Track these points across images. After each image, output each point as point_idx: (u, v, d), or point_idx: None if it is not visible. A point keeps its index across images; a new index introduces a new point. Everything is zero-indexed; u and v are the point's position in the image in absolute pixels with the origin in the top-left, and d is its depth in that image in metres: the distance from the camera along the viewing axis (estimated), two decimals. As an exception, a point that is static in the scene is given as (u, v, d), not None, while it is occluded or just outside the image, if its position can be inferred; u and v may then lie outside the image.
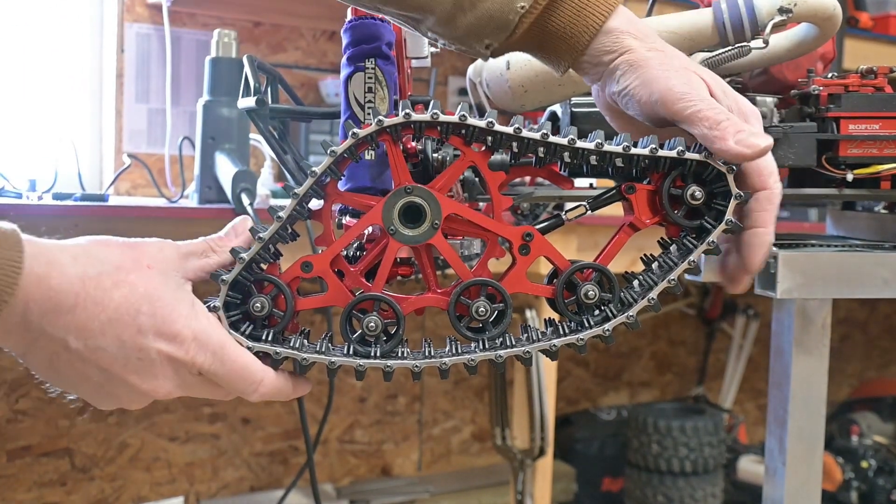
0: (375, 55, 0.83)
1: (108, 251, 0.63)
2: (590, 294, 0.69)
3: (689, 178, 0.69)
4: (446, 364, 0.68)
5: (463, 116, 0.67)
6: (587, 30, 0.69)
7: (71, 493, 2.39)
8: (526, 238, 0.70)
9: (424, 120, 0.67)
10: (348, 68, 0.83)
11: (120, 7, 2.37)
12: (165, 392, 0.64)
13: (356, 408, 2.85)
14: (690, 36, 0.96)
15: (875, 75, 0.98)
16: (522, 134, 0.68)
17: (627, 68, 0.68)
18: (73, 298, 0.59)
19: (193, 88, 2.44)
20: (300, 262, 0.69)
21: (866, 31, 3.26)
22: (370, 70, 0.82)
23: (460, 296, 0.69)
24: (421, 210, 0.68)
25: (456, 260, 0.70)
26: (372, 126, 0.67)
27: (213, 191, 1.86)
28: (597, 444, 3.05)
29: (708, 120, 0.66)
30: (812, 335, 1.05)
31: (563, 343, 0.69)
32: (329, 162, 0.67)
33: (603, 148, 0.68)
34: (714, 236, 0.68)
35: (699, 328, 3.57)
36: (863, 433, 3.09)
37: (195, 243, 0.68)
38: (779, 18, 0.93)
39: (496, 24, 0.69)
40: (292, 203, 0.67)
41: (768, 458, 1.09)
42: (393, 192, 0.68)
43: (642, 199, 0.70)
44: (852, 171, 0.97)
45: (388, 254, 0.69)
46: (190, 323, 0.63)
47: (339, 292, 0.69)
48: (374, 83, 0.82)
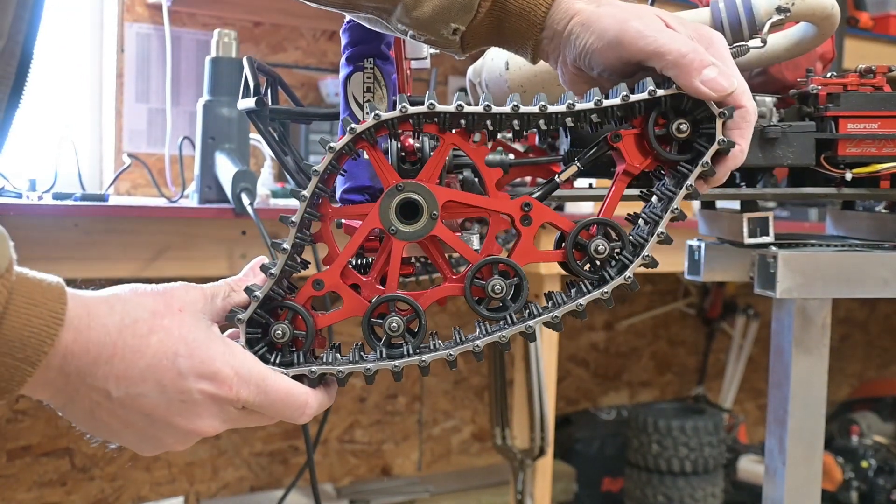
0: (374, 55, 0.83)
1: (141, 298, 0.63)
2: (599, 248, 0.69)
3: (670, 113, 0.69)
4: (479, 346, 0.68)
5: (431, 105, 0.67)
6: (542, 1, 0.70)
7: (71, 492, 2.39)
8: (525, 208, 0.70)
9: (395, 116, 0.67)
10: (347, 68, 0.83)
11: (120, 7, 2.37)
12: (211, 430, 0.65)
13: (356, 408, 2.85)
14: None
15: (874, 74, 0.98)
16: (493, 110, 0.68)
17: (580, 29, 0.70)
18: (111, 348, 0.59)
19: (193, 88, 2.44)
20: (311, 281, 0.69)
21: (866, 31, 3.26)
22: (369, 70, 0.82)
23: (474, 279, 0.69)
24: (417, 204, 0.68)
25: (461, 245, 0.70)
26: (345, 137, 0.67)
27: (213, 191, 1.86)
28: (597, 444, 3.05)
29: (671, 52, 0.66)
30: (812, 335, 1.05)
31: (588, 301, 0.68)
32: (315, 183, 0.67)
33: (575, 108, 0.68)
34: (708, 156, 0.68)
35: (699, 328, 3.57)
36: (863, 433, 3.09)
37: (217, 285, 0.68)
38: (777, 18, 0.93)
39: (460, 4, 0.70)
40: (292, 233, 0.67)
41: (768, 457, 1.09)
42: (386, 193, 0.68)
43: (630, 144, 0.70)
44: (851, 171, 0.97)
45: (394, 254, 0.69)
46: (228, 360, 0.63)
47: (355, 302, 0.69)
48: (372, 83, 0.82)
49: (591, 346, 3.32)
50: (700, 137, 0.69)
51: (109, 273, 1.71)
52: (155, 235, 1.75)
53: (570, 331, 3.24)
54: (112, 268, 1.72)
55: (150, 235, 1.75)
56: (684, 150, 0.70)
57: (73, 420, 0.64)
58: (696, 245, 1.10)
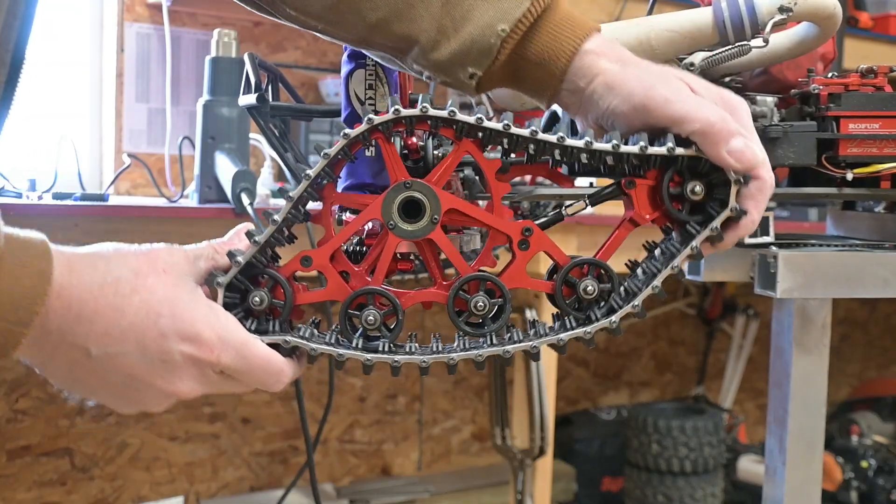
0: None
1: (125, 257, 0.63)
2: (588, 289, 0.69)
3: (686, 172, 0.69)
4: (454, 360, 0.68)
5: (452, 112, 0.67)
6: (563, 54, 0.69)
7: (71, 492, 2.39)
8: (525, 233, 0.70)
9: (414, 115, 0.67)
10: (349, 65, 0.83)
11: (120, 7, 2.37)
12: (189, 392, 0.64)
13: (356, 407, 2.85)
14: (690, 35, 0.96)
15: (875, 74, 0.98)
16: (512, 131, 0.68)
17: (605, 90, 0.68)
18: (92, 306, 0.59)
19: (193, 88, 2.44)
20: (300, 256, 0.69)
21: (866, 31, 3.26)
22: (371, 67, 0.82)
23: (459, 290, 0.69)
24: (420, 205, 0.68)
25: (455, 255, 0.70)
26: (363, 126, 0.67)
27: (213, 190, 1.86)
28: (597, 444, 3.05)
29: (698, 121, 0.66)
30: (812, 335, 1.05)
31: (570, 337, 0.69)
32: (323, 164, 0.67)
33: (592, 146, 0.68)
34: (718, 222, 0.68)
35: (699, 328, 3.57)
36: (863, 433, 3.09)
37: (201, 247, 0.68)
38: (779, 17, 0.93)
39: (478, 49, 0.69)
40: (287, 206, 0.68)
41: (768, 457, 1.09)
42: (392, 188, 0.68)
43: (642, 194, 0.70)
44: (852, 171, 0.97)
45: (386, 248, 0.69)
46: (211, 323, 0.63)
47: (339, 286, 0.69)
48: (374, 80, 0.82)
49: (591, 346, 3.32)
50: (713, 201, 0.69)
51: (109, 273, 1.71)
52: (155, 235, 1.75)
53: (570, 331, 3.23)
54: (112, 267, 1.71)
55: (150, 235, 1.75)
56: (695, 210, 0.70)
57: (50, 377, 0.63)
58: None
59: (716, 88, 0.70)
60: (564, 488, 2.97)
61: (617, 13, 3.09)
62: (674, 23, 0.96)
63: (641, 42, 0.95)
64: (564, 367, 3.23)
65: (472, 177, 0.89)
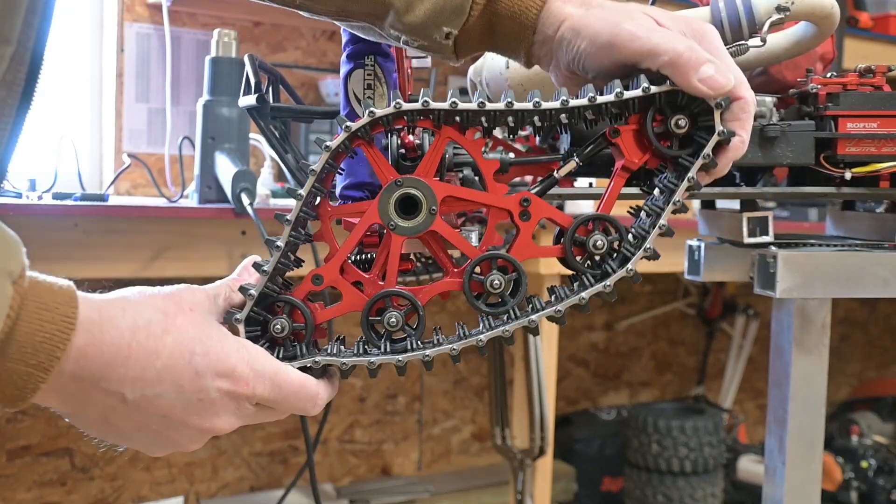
0: (375, 52, 0.83)
1: (152, 299, 0.63)
2: (598, 244, 0.69)
3: (667, 108, 0.69)
4: (482, 341, 0.68)
5: (425, 102, 0.67)
6: (533, 4, 0.70)
7: (71, 492, 2.39)
8: (524, 203, 0.70)
9: (390, 113, 0.67)
10: (348, 65, 0.83)
11: (120, 7, 2.37)
12: (226, 427, 0.64)
13: (356, 407, 2.85)
14: None
15: (873, 74, 0.98)
16: (487, 107, 0.68)
17: (571, 34, 0.69)
18: (126, 350, 0.59)
19: (193, 88, 2.44)
20: (310, 276, 0.69)
21: (866, 31, 3.26)
22: (370, 67, 0.82)
23: (472, 274, 0.68)
24: (416, 200, 0.68)
25: (460, 240, 0.70)
26: (341, 135, 0.67)
27: (213, 191, 1.86)
28: (597, 444, 3.05)
29: (666, 52, 0.66)
30: (812, 335, 1.05)
31: (591, 294, 0.68)
32: (311, 182, 0.67)
33: (569, 104, 0.68)
34: (709, 148, 0.68)
35: (699, 328, 3.57)
36: (863, 433, 3.09)
37: (218, 286, 0.68)
38: (776, 17, 0.93)
39: (451, 7, 0.70)
40: (286, 230, 0.68)
41: (768, 457, 1.09)
42: (385, 189, 0.68)
43: (629, 139, 0.70)
44: (851, 170, 0.97)
45: (393, 250, 0.69)
46: (243, 356, 0.63)
47: (354, 297, 0.69)
48: (373, 80, 0.82)
49: (591, 346, 3.32)
50: (699, 130, 0.69)
51: (109, 273, 1.71)
52: (155, 235, 1.75)
53: (570, 331, 3.24)
54: (112, 268, 1.71)
55: (150, 235, 1.75)
56: (684, 143, 0.70)
57: (83, 426, 0.63)
58: (695, 245, 1.10)
59: (683, 18, 0.70)
60: (564, 488, 2.97)
61: (617, 13, 3.09)
62: None
63: None
64: (564, 367, 3.23)
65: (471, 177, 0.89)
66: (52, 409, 0.61)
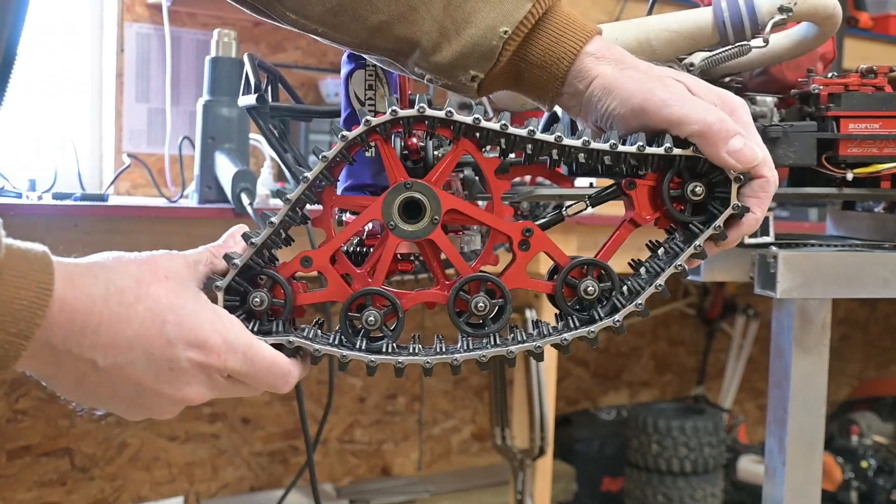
0: None
1: (126, 266, 0.62)
2: (589, 290, 0.69)
3: (685, 173, 0.69)
4: (458, 360, 0.68)
5: (449, 112, 0.67)
6: (565, 56, 0.69)
7: (71, 492, 2.39)
8: (525, 234, 0.70)
9: (412, 115, 0.67)
10: (349, 66, 0.83)
11: (120, 7, 2.37)
12: (198, 397, 0.64)
13: (356, 408, 2.85)
14: (691, 35, 0.96)
15: (875, 74, 0.98)
16: (509, 130, 0.67)
17: (602, 92, 0.69)
18: (97, 317, 0.59)
19: (193, 88, 2.44)
20: (300, 256, 0.69)
21: (866, 31, 3.26)
22: (370, 68, 0.82)
23: (460, 291, 0.68)
24: (421, 205, 0.68)
25: (455, 255, 0.70)
26: (360, 128, 0.67)
27: (212, 190, 1.86)
28: (597, 444, 3.05)
29: (697, 122, 0.66)
30: (812, 335, 1.05)
31: (574, 337, 0.68)
32: (321, 167, 0.67)
33: (590, 146, 0.68)
34: (721, 220, 0.68)
35: (699, 328, 3.57)
36: (863, 433, 3.09)
37: (198, 252, 0.68)
38: (779, 17, 0.92)
39: (480, 51, 0.69)
40: (284, 208, 0.68)
41: (768, 457, 1.09)
42: (392, 188, 0.68)
43: (643, 194, 0.70)
44: (852, 171, 0.97)
45: (387, 249, 0.69)
46: (216, 328, 0.63)
47: (339, 287, 0.69)
48: (374, 81, 0.82)
49: (590, 346, 3.31)
50: (714, 200, 0.69)
51: (109, 273, 1.71)
52: (155, 235, 1.75)
53: (570, 331, 3.23)
54: (112, 268, 1.71)
55: (150, 235, 1.75)
56: (698, 210, 0.70)
57: (58, 390, 0.63)
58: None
59: (715, 89, 0.70)
60: (564, 488, 2.97)
61: (617, 13, 3.09)
62: (674, 23, 0.96)
63: (641, 43, 0.95)
64: (564, 367, 3.23)
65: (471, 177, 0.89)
66: (28, 372, 0.61)
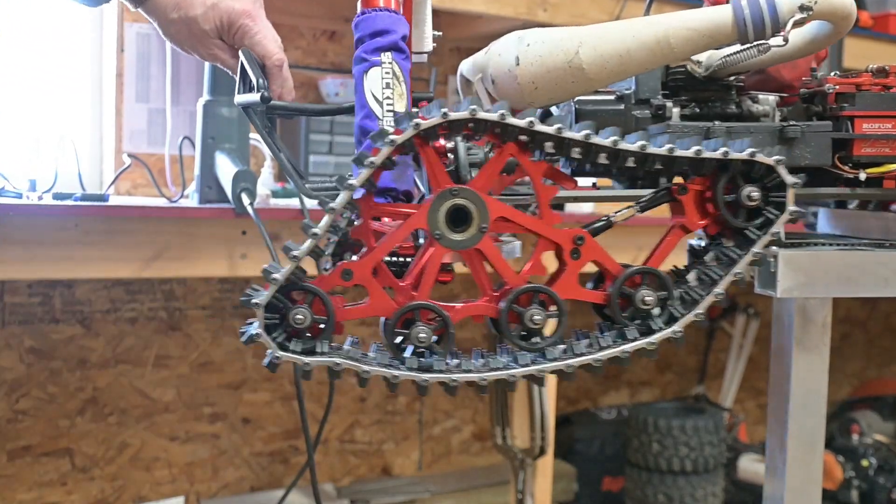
0: (392, 49, 0.78)
1: None
2: (647, 299, 0.65)
3: (739, 178, 0.66)
4: (514, 376, 0.64)
5: (503, 115, 0.63)
6: None
7: (71, 492, 2.39)
8: (577, 242, 0.66)
9: (464, 118, 0.63)
10: (363, 63, 0.78)
11: (120, 7, 2.37)
12: None
13: (356, 407, 2.85)
14: (710, 34, 0.93)
15: (887, 74, 0.98)
16: (565, 134, 0.64)
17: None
18: None
19: (193, 88, 2.44)
20: (340, 269, 0.65)
21: (866, 30, 3.26)
22: (387, 65, 0.77)
23: (513, 304, 0.64)
24: (468, 213, 0.64)
25: (503, 266, 0.66)
26: (409, 131, 0.63)
27: (213, 191, 1.86)
28: (597, 444, 3.05)
29: None
30: (812, 334, 1.05)
31: (634, 349, 0.65)
32: (367, 174, 0.63)
33: (647, 150, 0.65)
34: (780, 226, 0.66)
35: (699, 327, 3.57)
36: (863, 432, 3.09)
37: None
38: (799, 16, 0.91)
39: None
40: (328, 219, 0.64)
41: (769, 457, 1.09)
42: (438, 195, 0.64)
43: (693, 200, 0.68)
44: (865, 171, 0.97)
45: (434, 261, 0.65)
46: None
47: (383, 302, 0.65)
48: (391, 79, 0.78)
49: (591, 345, 3.31)
50: (769, 205, 0.67)
51: (109, 273, 1.71)
52: (155, 235, 1.75)
53: (571, 330, 3.23)
54: (112, 268, 1.71)
55: (150, 235, 1.75)
56: (752, 215, 0.68)
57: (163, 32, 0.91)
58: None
59: None
60: (565, 488, 2.97)
61: (617, 13, 3.08)
62: (693, 21, 0.93)
63: (660, 41, 0.92)
64: (565, 366, 3.23)
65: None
66: None
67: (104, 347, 2.39)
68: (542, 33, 0.84)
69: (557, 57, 0.81)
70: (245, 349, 2.55)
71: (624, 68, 0.82)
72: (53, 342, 2.32)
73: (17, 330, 2.28)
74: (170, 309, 2.47)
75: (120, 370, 2.42)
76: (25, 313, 2.29)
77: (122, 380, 2.42)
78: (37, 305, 2.30)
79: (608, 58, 0.82)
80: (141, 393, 2.45)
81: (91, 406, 2.39)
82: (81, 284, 2.32)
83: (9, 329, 2.27)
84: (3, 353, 2.27)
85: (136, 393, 2.45)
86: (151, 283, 2.42)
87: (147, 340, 2.45)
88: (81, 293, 2.33)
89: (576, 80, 0.97)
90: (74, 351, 2.35)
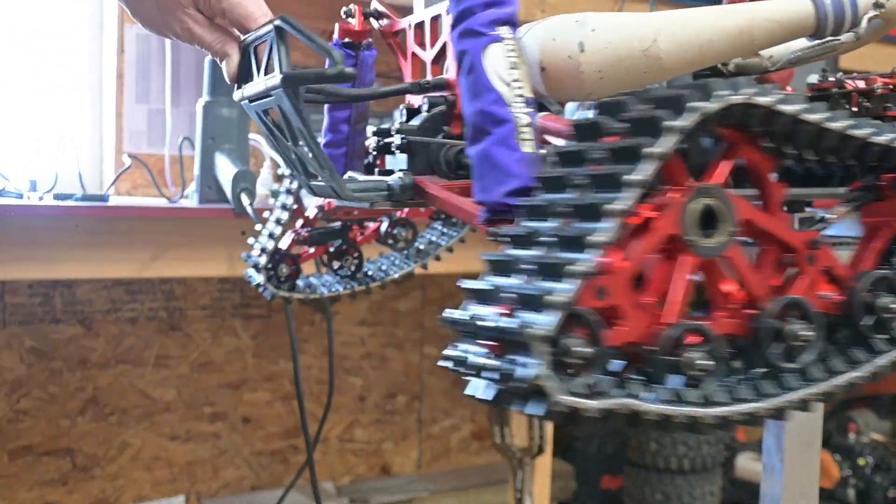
0: (509, 22, 0.67)
1: None
2: (891, 306, 0.59)
3: None
4: (785, 406, 0.54)
5: (782, 99, 0.55)
6: None
7: (72, 492, 2.40)
8: (812, 246, 0.59)
9: (742, 103, 0.54)
10: (478, 38, 0.66)
11: (120, 8, 2.37)
12: None
13: (356, 407, 2.85)
14: (790, 26, 0.88)
15: None
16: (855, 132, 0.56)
17: None
18: None
19: (193, 88, 2.44)
20: (591, 285, 0.53)
21: (864, 30, 3.26)
22: (510, 41, 0.66)
23: (770, 318, 0.56)
24: (716, 215, 0.55)
25: (751, 275, 0.57)
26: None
27: (213, 191, 1.87)
28: (596, 442, 3.06)
29: None
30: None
31: (889, 361, 0.59)
32: (675, 141, 0.53)
33: None
34: None
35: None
36: (860, 431, 3.10)
37: None
38: (873, 13, 0.89)
39: None
40: (636, 195, 0.53)
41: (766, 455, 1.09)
42: (692, 194, 0.55)
43: None
44: None
45: (682, 271, 0.55)
46: None
47: (642, 324, 0.54)
48: (516, 58, 0.66)
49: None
50: None
51: (110, 273, 1.72)
52: (155, 235, 1.76)
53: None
54: (112, 268, 1.72)
55: (150, 235, 1.76)
56: None
57: None
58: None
59: None
60: (563, 487, 2.97)
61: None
62: (775, 13, 0.88)
63: (742, 31, 0.85)
64: (563, 365, 3.23)
65: None
66: None
67: (104, 347, 2.39)
68: (606, 17, 0.76)
69: (631, 44, 0.74)
70: (245, 348, 2.55)
71: (702, 58, 0.77)
72: (54, 342, 2.33)
73: (18, 330, 2.28)
74: (170, 309, 2.48)
75: (120, 370, 2.42)
76: (26, 313, 2.29)
77: (122, 380, 2.43)
78: (37, 305, 2.30)
79: (688, 47, 0.75)
80: (141, 393, 2.46)
81: (91, 406, 2.40)
82: (82, 284, 2.32)
83: (9, 329, 2.28)
84: (4, 354, 2.28)
85: (136, 393, 2.45)
86: (151, 283, 2.42)
87: (147, 340, 2.45)
88: (82, 293, 2.34)
89: (648, 70, 0.83)
90: (75, 351, 2.36)
